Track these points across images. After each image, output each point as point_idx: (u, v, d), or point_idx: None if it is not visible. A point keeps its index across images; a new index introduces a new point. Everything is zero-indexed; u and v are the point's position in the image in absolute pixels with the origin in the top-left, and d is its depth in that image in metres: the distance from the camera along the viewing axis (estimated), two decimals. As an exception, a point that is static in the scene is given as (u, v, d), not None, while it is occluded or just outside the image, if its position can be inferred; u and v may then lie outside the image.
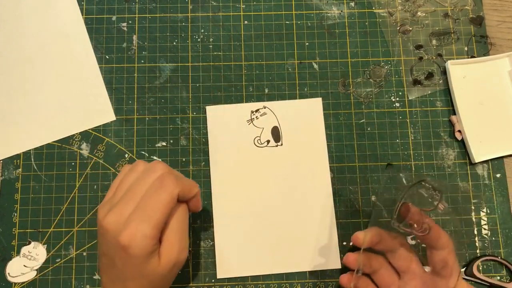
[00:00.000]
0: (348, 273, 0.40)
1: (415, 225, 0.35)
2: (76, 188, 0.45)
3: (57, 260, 0.44)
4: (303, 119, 0.47)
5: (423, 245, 0.37)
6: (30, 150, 0.46)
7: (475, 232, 0.45)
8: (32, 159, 0.46)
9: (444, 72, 0.48)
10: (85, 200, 0.45)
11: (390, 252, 0.39)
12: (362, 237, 0.37)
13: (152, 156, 0.46)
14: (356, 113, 0.47)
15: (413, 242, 0.44)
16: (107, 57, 0.48)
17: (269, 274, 0.43)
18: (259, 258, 0.43)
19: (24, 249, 0.44)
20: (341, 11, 0.50)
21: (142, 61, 0.48)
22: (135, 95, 0.48)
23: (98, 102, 0.47)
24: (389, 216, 0.36)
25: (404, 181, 0.46)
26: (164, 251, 0.33)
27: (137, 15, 0.49)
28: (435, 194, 0.35)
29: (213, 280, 0.43)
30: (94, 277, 0.43)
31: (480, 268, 0.44)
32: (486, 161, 0.46)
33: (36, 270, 0.43)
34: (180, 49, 0.49)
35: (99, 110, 0.47)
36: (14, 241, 0.44)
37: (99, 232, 0.34)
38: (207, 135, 0.47)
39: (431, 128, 0.47)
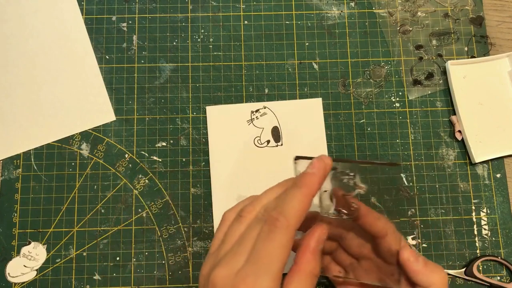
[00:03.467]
0: None
1: (343, 210, 0.33)
2: (76, 188, 0.45)
3: (57, 260, 0.44)
4: (303, 119, 0.47)
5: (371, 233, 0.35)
6: (30, 150, 0.46)
7: (475, 232, 0.45)
8: (32, 159, 0.46)
9: (444, 72, 0.48)
10: (85, 200, 0.45)
11: (340, 239, 0.37)
12: None
13: (152, 156, 0.46)
14: (356, 113, 0.47)
15: (414, 242, 0.44)
16: (107, 57, 0.48)
17: (269, 274, 0.43)
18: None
19: (24, 249, 0.44)
20: (341, 11, 0.50)
21: (142, 61, 0.48)
22: (135, 95, 0.48)
23: (98, 102, 0.47)
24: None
25: (405, 181, 0.46)
26: None
27: (137, 15, 0.49)
28: (349, 176, 0.33)
29: (213, 280, 0.43)
30: (94, 277, 0.43)
31: (480, 268, 0.44)
32: (486, 161, 0.46)
33: (36, 270, 0.43)
34: (180, 49, 0.49)
35: (99, 110, 0.47)
36: (14, 241, 0.44)
37: None
38: (207, 135, 0.47)
39: (431, 128, 0.47)
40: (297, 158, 0.33)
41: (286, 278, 0.28)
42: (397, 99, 0.48)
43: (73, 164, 0.46)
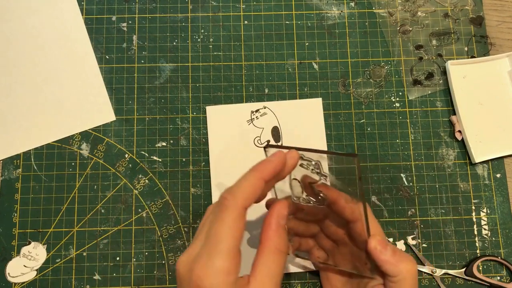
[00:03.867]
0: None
1: (312, 198, 0.35)
2: (76, 188, 0.45)
3: (57, 260, 0.44)
4: (303, 119, 0.47)
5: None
6: (30, 150, 0.46)
7: (475, 232, 0.45)
8: (32, 159, 0.46)
9: (444, 72, 0.48)
10: (85, 200, 0.45)
11: (321, 223, 0.38)
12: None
13: (152, 156, 0.46)
14: (356, 113, 0.47)
15: (414, 242, 0.44)
16: (107, 57, 0.48)
17: (269, 274, 0.43)
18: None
19: (24, 249, 0.44)
20: (341, 11, 0.50)
21: (142, 61, 0.48)
22: (135, 95, 0.48)
23: (98, 102, 0.47)
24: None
25: (405, 181, 0.46)
26: None
27: (137, 15, 0.49)
28: (312, 166, 0.34)
29: (213, 280, 0.43)
30: (94, 277, 0.43)
31: (480, 268, 0.44)
32: (486, 161, 0.46)
33: (36, 270, 0.43)
34: (180, 49, 0.49)
35: (99, 110, 0.47)
36: (14, 241, 0.44)
37: (177, 281, 0.29)
38: (207, 135, 0.47)
39: (431, 128, 0.47)
40: (267, 146, 0.34)
41: (254, 258, 0.29)
42: (397, 99, 0.48)
43: (73, 164, 0.46)
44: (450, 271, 0.43)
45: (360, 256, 0.35)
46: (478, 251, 0.44)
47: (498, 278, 0.44)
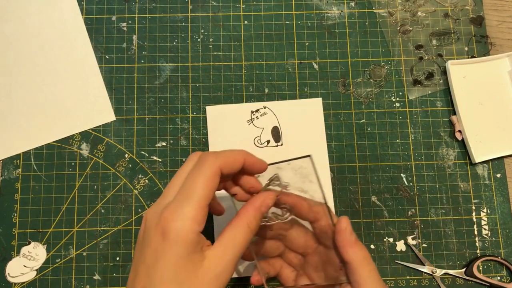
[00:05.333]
0: (255, 272, 0.37)
1: (277, 213, 0.35)
2: (76, 188, 0.45)
3: (57, 260, 0.44)
4: (303, 119, 0.47)
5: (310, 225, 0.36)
6: (30, 150, 0.46)
7: (475, 232, 0.45)
8: (32, 159, 0.46)
9: (444, 72, 0.48)
10: (85, 200, 0.45)
11: (283, 239, 0.37)
12: None
13: (152, 156, 0.46)
14: (356, 113, 0.47)
15: (414, 242, 0.44)
16: (107, 57, 0.48)
17: (269, 274, 0.43)
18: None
19: (24, 249, 0.44)
20: (341, 11, 0.50)
21: (142, 61, 0.48)
22: (135, 95, 0.48)
23: (98, 102, 0.47)
24: None
25: (405, 181, 0.46)
26: (212, 255, 0.28)
27: (137, 15, 0.49)
28: (274, 181, 0.35)
29: (213, 280, 0.43)
30: (94, 277, 0.43)
31: (480, 268, 0.44)
32: (486, 161, 0.46)
33: (36, 270, 0.43)
34: (180, 49, 0.49)
35: (99, 110, 0.47)
36: (14, 241, 0.44)
37: (141, 230, 0.30)
38: (207, 135, 0.46)
39: (431, 128, 0.47)
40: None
41: (224, 228, 0.30)
42: (397, 99, 0.48)
43: (73, 164, 0.46)
44: (450, 271, 0.43)
45: (331, 259, 0.34)
46: (478, 251, 0.44)
47: (498, 278, 0.44)
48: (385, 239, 0.45)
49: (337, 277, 0.34)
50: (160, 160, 0.46)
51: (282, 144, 0.46)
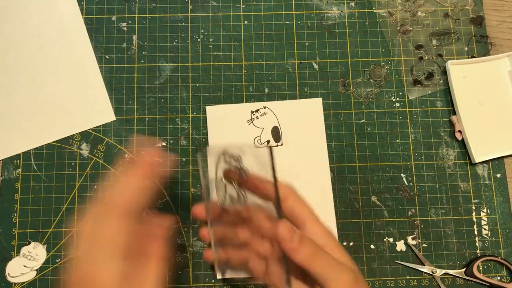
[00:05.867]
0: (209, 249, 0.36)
1: (236, 194, 0.33)
2: (76, 188, 0.45)
3: (57, 260, 0.44)
4: (303, 119, 0.47)
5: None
6: (30, 150, 0.46)
7: (476, 232, 0.45)
8: (32, 159, 0.46)
9: (444, 72, 0.48)
10: (85, 200, 0.45)
11: (248, 224, 0.35)
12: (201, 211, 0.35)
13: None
14: (356, 113, 0.47)
15: (414, 242, 0.44)
16: (107, 57, 0.48)
17: (269, 274, 0.43)
18: (259, 258, 0.43)
19: (24, 249, 0.44)
20: (341, 11, 0.50)
21: (142, 61, 0.48)
22: (135, 95, 0.48)
23: (98, 102, 0.47)
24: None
25: (405, 181, 0.46)
26: None
27: (137, 15, 0.49)
28: (235, 161, 0.33)
29: (213, 280, 0.43)
30: (94, 277, 0.43)
31: (480, 268, 0.44)
32: (486, 161, 0.46)
33: (36, 270, 0.43)
34: (180, 49, 0.49)
35: (99, 110, 0.47)
36: (14, 241, 0.44)
37: None
38: (207, 135, 0.46)
39: (431, 128, 0.47)
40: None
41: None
42: (397, 99, 0.48)
43: (73, 164, 0.46)
44: (450, 271, 0.43)
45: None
46: (478, 251, 0.44)
47: (498, 278, 0.44)
48: (385, 239, 0.45)
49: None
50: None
51: (282, 144, 0.46)
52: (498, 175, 0.46)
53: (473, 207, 0.45)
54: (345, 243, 0.44)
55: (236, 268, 0.36)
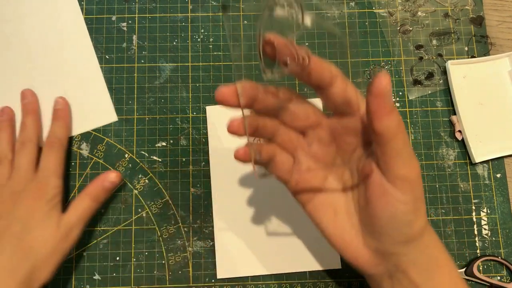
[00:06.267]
0: (244, 145, 0.32)
1: (289, 61, 0.27)
2: (76, 188, 0.45)
3: (57, 260, 0.44)
4: (303, 119, 0.47)
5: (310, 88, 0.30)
6: (30, 150, 0.46)
7: (475, 232, 0.45)
8: (32, 159, 0.46)
9: (444, 72, 0.48)
10: (85, 200, 0.45)
11: (282, 111, 0.32)
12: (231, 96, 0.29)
13: (152, 156, 0.46)
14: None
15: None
16: (107, 57, 0.48)
17: (269, 274, 0.43)
18: (259, 258, 0.43)
19: (24, 249, 0.44)
20: (341, 11, 0.50)
21: (142, 61, 0.48)
22: (135, 95, 0.48)
23: (100, 103, 0.47)
24: (251, 71, 0.28)
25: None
26: (65, 217, 0.41)
27: (137, 15, 0.49)
28: (293, 8, 0.26)
29: (213, 280, 0.43)
30: (94, 277, 0.43)
31: (480, 268, 0.44)
32: (486, 161, 0.46)
33: (36, 270, 0.43)
34: (180, 49, 0.49)
35: (101, 111, 0.47)
36: (14, 241, 0.44)
37: None
38: (207, 135, 0.46)
39: (431, 128, 0.47)
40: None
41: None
42: (397, 99, 0.48)
43: (73, 164, 0.46)
44: (450, 271, 0.43)
45: (343, 124, 0.29)
46: (478, 251, 0.44)
47: (498, 278, 0.44)
48: (385, 239, 0.44)
49: (355, 149, 0.28)
50: (160, 160, 0.46)
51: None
52: (498, 175, 0.46)
53: (473, 207, 0.45)
54: (345, 243, 0.44)
55: (266, 164, 0.32)
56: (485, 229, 0.45)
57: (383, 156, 0.27)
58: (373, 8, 0.50)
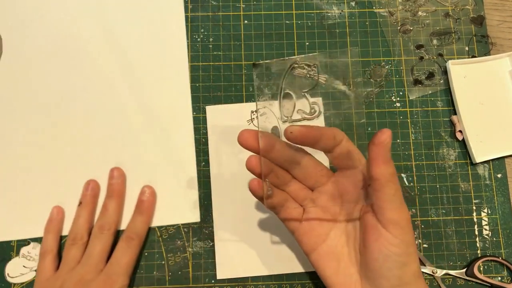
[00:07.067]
0: (258, 179, 0.35)
1: (304, 113, 0.33)
2: (76, 188, 0.45)
3: (57, 261, 0.44)
4: (304, 119, 0.47)
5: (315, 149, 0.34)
6: (29, 150, 0.46)
7: (476, 233, 0.45)
8: (32, 159, 0.46)
9: (445, 72, 0.48)
10: (84, 200, 0.45)
11: (294, 167, 0.35)
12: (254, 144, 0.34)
13: (152, 156, 0.46)
14: (356, 113, 0.47)
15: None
16: (106, 57, 0.48)
17: (269, 275, 0.43)
18: (259, 259, 0.43)
19: (24, 250, 0.44)
20: (342, 10, 0.50)
21: (142, 61, 0.48)
22: (135, 95, 0.47)
23: (187, 198, 0.45)
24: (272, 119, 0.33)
25: (406, 181, 0.46)
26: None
27: (136, 15, 0.49)
28: (311, 69, 0.32)
29: (213, 281, 0.43)
30: (94, 277, 0.43)
31: (481, 269, 0.44)
32: (487, 161, 0.46)
33: (36, 270, 0.43)
34: (180, 49, 0.49)
35: (186, 208, 0.45)
36: (13, 241, 0.44)
37: None
38: (207, 135, 0.46)
39: (431, 128, 0.47)
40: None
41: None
42: (398, 99, 0.48)
43: (72, 164, 0.46)
44: (451, 272, 0.43)
45: (346, 178, 0.33)
46: (479, 251, 0.44)
47: (499, 278, 0.44)
48: (385, 240, 0.44)
49: (357, 200, 0.32)
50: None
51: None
52: (499, 175, 0.46)
53: (474, 207, 0.45)
54: (345, 244, 0.44)
55: (277, 207, 0.35)
56: (485, 229, 0.45)
57: (377, 201, 0.31)
58: (374, 7, 0.50)
